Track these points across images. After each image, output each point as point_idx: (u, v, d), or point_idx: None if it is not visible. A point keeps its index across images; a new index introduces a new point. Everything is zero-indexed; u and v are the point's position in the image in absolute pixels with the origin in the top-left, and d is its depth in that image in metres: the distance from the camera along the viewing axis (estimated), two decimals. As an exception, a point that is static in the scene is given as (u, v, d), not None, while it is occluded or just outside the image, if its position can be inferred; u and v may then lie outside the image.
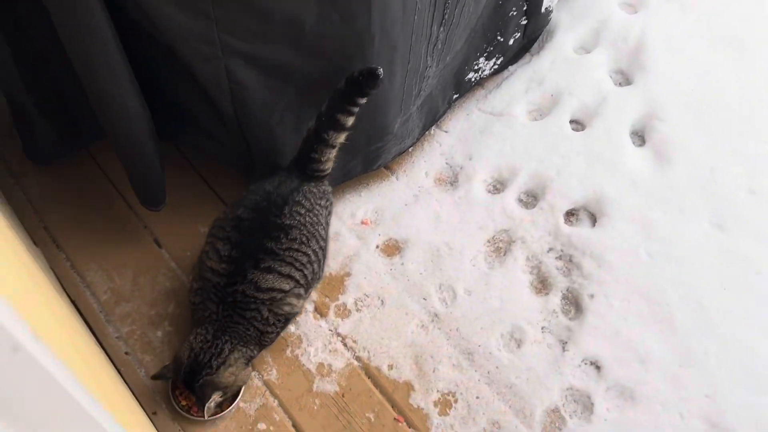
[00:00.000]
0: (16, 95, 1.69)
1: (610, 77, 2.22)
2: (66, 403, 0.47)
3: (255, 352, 1.63)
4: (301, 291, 1.63)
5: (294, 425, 1.67)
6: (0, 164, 2.04)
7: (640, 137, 2.11)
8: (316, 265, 1.65)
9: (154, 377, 1.61)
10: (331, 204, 1.74)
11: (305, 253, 1.59)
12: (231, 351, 1.57)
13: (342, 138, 1.61)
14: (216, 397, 1.55)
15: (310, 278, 1.64)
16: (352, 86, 1.50)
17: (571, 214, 1.97)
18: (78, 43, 1.38)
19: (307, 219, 1.61)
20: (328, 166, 1.66)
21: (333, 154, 1.64)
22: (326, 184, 1.71)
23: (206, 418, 1.58)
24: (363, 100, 1.54)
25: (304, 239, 1.59)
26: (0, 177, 2.02)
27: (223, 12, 1.34)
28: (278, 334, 1.67)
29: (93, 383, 0.86)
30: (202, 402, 1.54)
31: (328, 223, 1.73)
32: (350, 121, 1.58)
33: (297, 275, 1.59)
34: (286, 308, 1.60)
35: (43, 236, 1.93)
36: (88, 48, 1.37)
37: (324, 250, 1.70)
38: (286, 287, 1.58)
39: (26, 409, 0.45)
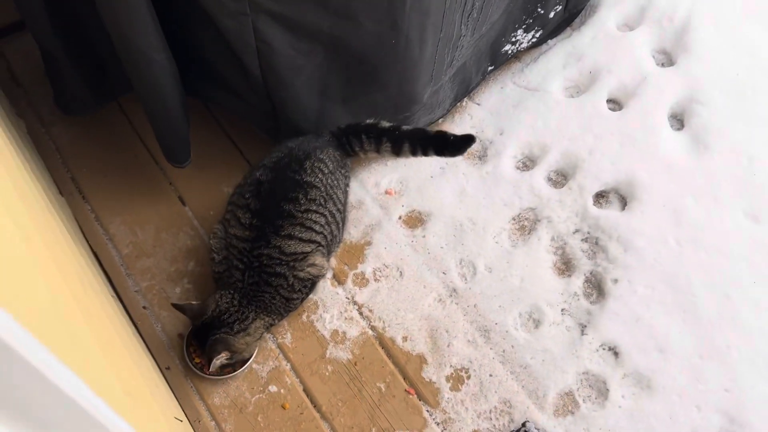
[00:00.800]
0: (49, 44, 1.69)
1: (653, 57, 2.14)
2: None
3: (276, 321, 1.64)
4: (324, 251, 1.63)
5: (305, 390, 1.67)
6: (31, 113, 2.06)
7: (678, 121, 2.04)
8: (333, 227, 1.65)
9: (175, 306, 1.59)
10: (349, 177, 1.75)
11: (322, 214, 1.59)
12: (254, 320, 1.58)
13: (390, 157, 1.73)
14: (224, 356, 1.55)
15: (329, 239, 1.64)
16: (438, 140, 1.64)
17: (600, 196, 1.92)
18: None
19: (327, 180, 1.61)
20: (361, 154, 1.74)
21: (371, 155, 1.74)
22: (346, 158, 1.74)
23: (209, 371, 1.58)
24: (433, 155, 1.67)
25: (321, 201, 1.59)
26: (31, 125, 2.04)
27: (252, -32, 1.32)
28: (303, 300, 1.68)
29: (88, 337, 0.86)
30: (209, 356, 1.54)
31: (346, 192, 1.73)
32: (409, 156, 1.71)
33: (318, 238, 1.60)
34: (312, 270, 1.60)
35: (69, 186, 1.95)
36: (115, 2, 1.36)
37: (342, 213, 1.70)
38: (308, 249, 1.58)
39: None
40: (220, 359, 1.55)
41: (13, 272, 0.58)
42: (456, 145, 1.65)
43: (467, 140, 1.64)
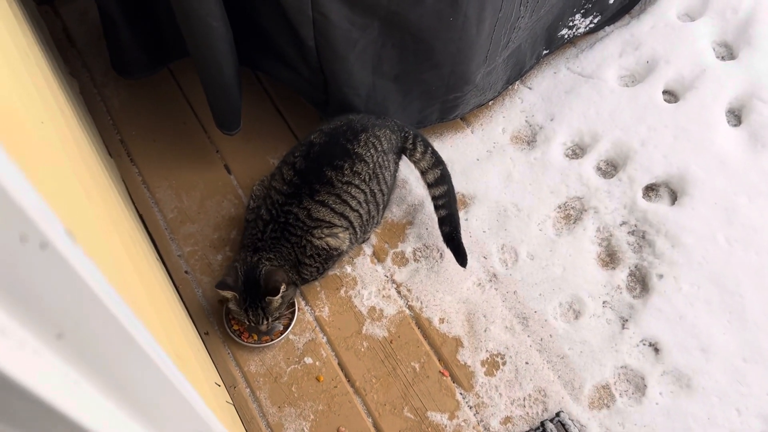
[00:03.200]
0: (108, 7, 1.69)
1: (713, 49, 2.08)
2: (94, 304, 0.46)
3: (297, 280, 1.65)
4: (350, 234, 1.63)
5: (339, 364, 1.68)
6: (84, 73, 2.09)
7: (736, 117, 1.98)
8: (372, 206, 1.64)
9: (219, 286, 1.55)
10: (398, 165, 1.75)
11: (363, 191, 1.58)
12: (280, 266, 1.59)
13: (422, 179, 1.73)
14: (283, 288, 1.52)
15: (365, 219, 1.63)
16: (453, 229, 1.69)
17: (650, 189, 1.88)
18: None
19: (378, 158, 1.60)
20: (408, 156, 1.73)
21: (416, 163, 1.72)
22: (401, 148, 1.72)
23: (279, 296, 1.53)
24: (441, 224, 1.71)
25: (366, 177, 1.58)
26: (83, 85, 2.06)
27: (315, -63, 1.30)
28: (317, 271, 1.67)
29: (143, 298, 0.87)
30: (273, 287, 1.51)
31: (394, 176, 1.73)
32: (430, 193, 1.72)
33: (351, 216, 1.59)
34: (331, 241, 1.59)
35: (118, 148, 1.97)
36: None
37: (384, 196, 1.68)
38: (336, 222, 1.58)
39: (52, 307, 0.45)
40: (283, 286, 1.52)
41: (82, 227, 0.58)
42: (451, 244, 1.71)
43: (459, 256, 1.71)
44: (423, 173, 1.71)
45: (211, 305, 1.75)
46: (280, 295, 1.53)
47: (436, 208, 1.70)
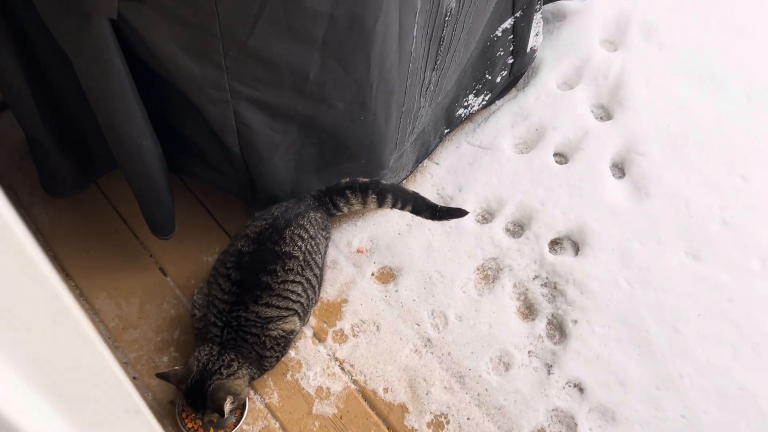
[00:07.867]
0: (34, 131, 1.76)
1: (592, 112, 2.34)
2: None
3: (256, 374, 1.73)
4: (300, 315, 1.75)
5: (294, 446, 1.76)
6: (11, 196, 2.12)
7: (620, 170, 2.23)
8: (310, 292, 1.76)
9: (159, 375, 1.66)
10: (329, 236, 1.86)
11: (299, 283, 1.70)
12: (239, 367, 1.66)
13: (371, 208, 1.89)
14: (229, 400, 1.60)
15: (306, 305, 1.75)
16: (433, 209, 1.88)
17: (555, 244, 2.08)
18: (97, 88, 1.48)
19: (306, 247, 1.72)
20: (345, 209, 1.86)
21: (355, 208, 1.87)
22: (328, 218, 1.84)
23: (225, 416, 1.61)
24: (409, 212, 1.91)
25: (299, 269, 1.69)
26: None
27: (235, 63, 1.45)
28: (277, 359, 1.76)
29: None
30: (219, 405, 1.58)
31: (325, 252, 1.86)
32: (389, 208, 1.89)
33: (295, 306, 1.71)
34: (286, 326, 1.70)
35: (52, 265, 2.00)
36: (107, 94, 1.47)
37: (318, 277, 1.81)
38: (285, 314, 1.69)
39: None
40: (227, 403, 1.59)
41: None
42: (441, 215, 1.89)
43: (455, 214, 1.91)
44: (365, 201, 1.86)
45: (163, 408, 1.80)
46: (226, 411, 1.59)
47: (379, 192, 1.84)
